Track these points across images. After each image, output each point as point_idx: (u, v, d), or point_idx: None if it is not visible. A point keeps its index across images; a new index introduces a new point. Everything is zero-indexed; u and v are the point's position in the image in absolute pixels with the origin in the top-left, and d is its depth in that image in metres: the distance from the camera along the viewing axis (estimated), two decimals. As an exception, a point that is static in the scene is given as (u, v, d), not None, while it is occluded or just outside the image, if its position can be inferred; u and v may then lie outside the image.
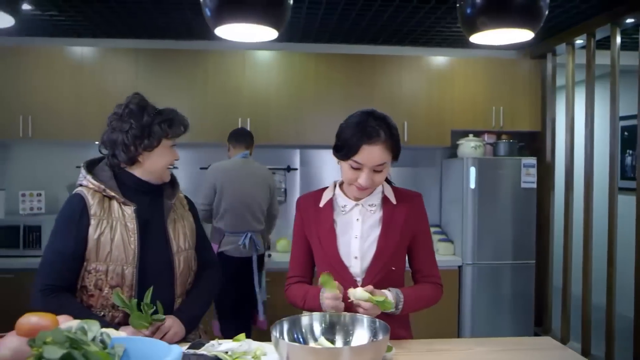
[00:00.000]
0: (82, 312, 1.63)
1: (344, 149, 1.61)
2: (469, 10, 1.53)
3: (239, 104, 4.16)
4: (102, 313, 1.71)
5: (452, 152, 4.53)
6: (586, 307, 3.77)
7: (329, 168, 4.55)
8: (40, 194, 4.11)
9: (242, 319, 3.67)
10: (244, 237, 3.54)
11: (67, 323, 1.26)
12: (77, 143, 4.29)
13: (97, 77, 4.05)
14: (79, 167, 4.43)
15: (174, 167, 1.92)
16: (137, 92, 1.82)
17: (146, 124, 1.73)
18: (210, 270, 1.97)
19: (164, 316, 1.64)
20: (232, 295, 3.54)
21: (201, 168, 4.30)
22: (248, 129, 4.08)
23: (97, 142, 4.26)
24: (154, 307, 1.61)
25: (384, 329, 1.37)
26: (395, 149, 1.62)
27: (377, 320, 1.42)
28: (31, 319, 1.23)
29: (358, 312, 1.52)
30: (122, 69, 4.08)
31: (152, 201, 1.83)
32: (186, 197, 2.01)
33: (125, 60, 4.09)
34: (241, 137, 3.75)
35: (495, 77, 4.35)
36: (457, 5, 1.57)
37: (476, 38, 1.69)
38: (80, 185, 1.79)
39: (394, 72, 4.26)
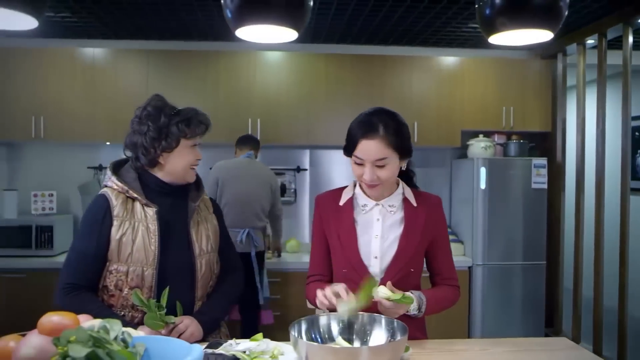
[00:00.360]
0: (103, 311, 1.65)
1: (348, 146, 1.66)
2: (488, 11, 1.52)
3: (249, 105, 4.17)
4: (122, 313, 1.73)
5: (462, 152, 4.52)
6: (597, 308, 3.75)
7: (338, 168, 4.56)
8: (52, 194, 4.14)
9: (244, 316, 3.71)
10: (242, 233, 3.61)
11: (88, 322, 1.27)
12: (88, 144, 4.32)
13: (109, 78, 4.08)
14: (90, 167, 4.51)
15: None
16: (157, 93, 1.82)
17: (163, 125, 1.73)
18: (233, 274, 1.96)
19: (175, 318, 1.64)
20: None
21: (210, 168, 4.32)
22: (258, 129, 4.12)
23: (108, 143, 4.32)
24: (165, 309, 1.60)
25: (402, 329, 1.37)
26: (397, 145, 1.61)
27: (395, 320, 1.42)
28: (53, 318, 1.24)
29: (379, 310, 1.52)
30: (133, 70, 4.11)
31: (175, 203, 1.82)
32: (211, 199, 1.99)
33: (136, 61, 4.11)
34: (247, 141, 3.89)
35: (506, 77, 4.34)
36: (476, 6, 1.56)
37: (495, 39, 1.68)
38: (106, 186, 1.80)
39: (404, 72, 4.26)
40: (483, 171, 4.10)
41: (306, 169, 4.57)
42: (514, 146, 4.31)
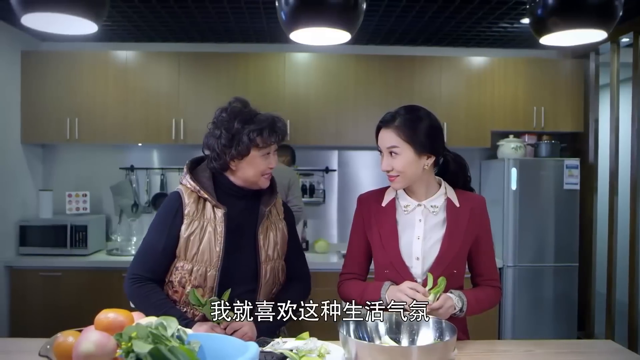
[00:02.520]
0: (164, 304, 1.69)
1: (376, 138, 1.73)
2: (539, 11, 1.50)
3: (278, 106, 4.18)
4: (185, 309, 1.75)
5: (491, 153, 4.48)
6: (633, 312, 3.68)
7: (367, 169, 4.53)
8: (85, 195, 4.22)
9: None
10: None
11: (144, 319, 1.30)
12: (120, 145, 4.39)
13: (141, 80, 4.14)
14: (122, 168, 4.57)
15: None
16: (238, 97, 1.80)
17: (235, 132, 1.69)
18: (298, 282, 1.91)
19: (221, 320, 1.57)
20: None
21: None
22: (288, 130, 4.14)
23: (139, 144, 4.37)
24: (213, 308, 1.53)
25: (451, 329, 1.37)
26: (409, 137, 1.64)
27: (442, 321, 1.42)
28: (109, 315, 1.27)
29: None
30: (164, 73, 4.16)
31: (247, 206, 1.80)
32: (284, 204, 1.95)
33: (167, 63, 4.16)
34: (283, 150, 3.94)
35: (536, 77, 4.29)
36: (528, 6, 1.55)
37: (546, 39, 1.66)
38: (181, 183, 1.82)
39: (433, 73, 4.24)
40: (514, 172, 4.06)
41: (335, 170, 4.57)
42: (545, 146, 4.25)
